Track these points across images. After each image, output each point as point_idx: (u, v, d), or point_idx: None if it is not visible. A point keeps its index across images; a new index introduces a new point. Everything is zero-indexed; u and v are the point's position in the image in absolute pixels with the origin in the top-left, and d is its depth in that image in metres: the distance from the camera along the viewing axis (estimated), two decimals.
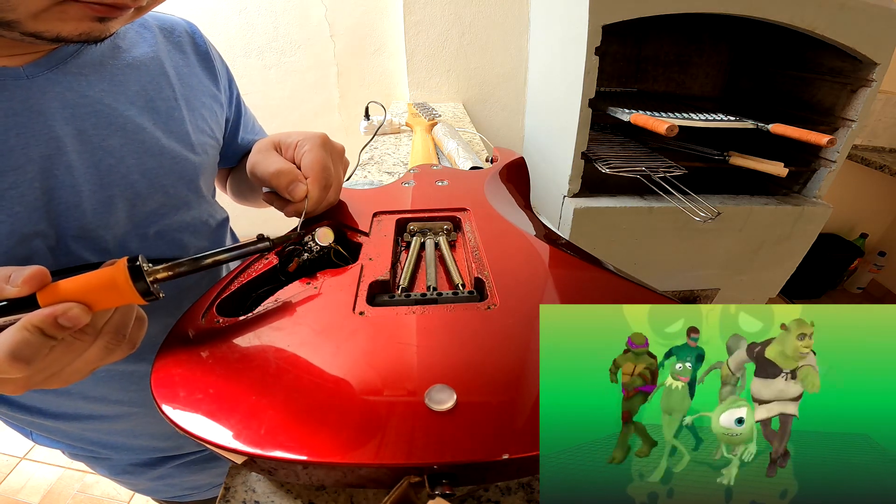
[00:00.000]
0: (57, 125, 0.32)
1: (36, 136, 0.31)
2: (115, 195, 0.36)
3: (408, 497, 0.20)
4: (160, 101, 0.39)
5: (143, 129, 0.37)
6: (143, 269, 0.24)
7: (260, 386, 0.24)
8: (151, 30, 0.42)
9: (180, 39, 0.44)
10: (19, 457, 1.29)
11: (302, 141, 0.38)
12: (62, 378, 0.25)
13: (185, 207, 0.42)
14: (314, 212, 0.38)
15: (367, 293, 0.32)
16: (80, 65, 0.34)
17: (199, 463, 0.56)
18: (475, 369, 0.25)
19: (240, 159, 0.54)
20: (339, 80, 1.42)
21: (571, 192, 0.95)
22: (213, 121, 0.47)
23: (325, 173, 0.37)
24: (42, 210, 0.32)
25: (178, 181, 0.41)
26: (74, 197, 0.33)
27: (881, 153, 1.67)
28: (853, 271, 2.01)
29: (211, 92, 0.46)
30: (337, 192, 0.41)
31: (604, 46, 0.81)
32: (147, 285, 0.24)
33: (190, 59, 0.45)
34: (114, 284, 0.24)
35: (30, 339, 0.22)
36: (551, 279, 0.34)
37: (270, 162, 0.37)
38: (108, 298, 0.24)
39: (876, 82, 0.87)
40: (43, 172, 0.31)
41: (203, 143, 0.44)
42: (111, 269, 0.24)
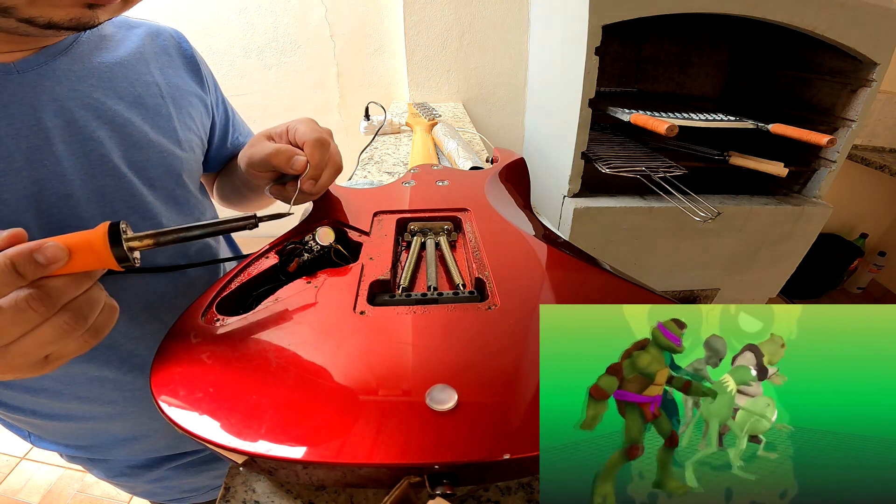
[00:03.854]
0: (46, 117, 0.33)
1: (25, 128, 0.32)
2: (106, 185, 0.36)
3: (408, 497, 0.20)
4: (147, 98, 0.41)
5: (131, 122, 0.38)
6: (124, 234, 0.24)
7: (260, 385, 0.24)
8: (138, 33, 0.43)
9: (166, 43, 0.46)
10: (19, 457, 1.29)
11: (291, 125, 0.41)
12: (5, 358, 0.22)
13: (174, 202, 0.43)
14: (322, 183, 0.39)
15: (367, 293, 0.32)
16: (69, 61, 0.35)
17: (196, 465, 0.56)
18: (476, 369, 0.25)
19: (227, 163, 0.55)
20: (339, 80, 1.42)
21: (571, 192, 0.95)
22: (200, 121, 0.48)
23: (318, 135, 0.39)
24: (30, 199, 0.32)
25: (165, 175, 0.41)
26: (64, 187, 0.34)
27: (881, 153, 1.67)
28: (853, 271, 2.01)
29: (197, 94, 0.48)
30: (337, 156, 0.41)
31: (604, 46, 0.81)
32: (124, 252, 0.24)
33: (175, 62, 0.46)
34: (90, 245, 0.23)
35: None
36: (551, 279, 0.34)
37: (267, 146, 0.39)
38: (83, 260, 0.23)
39: (876, 82, 0.87)
40: (31, 163, 0.32)
41: (190, 140, 0.45)
42: (90, 230, 0.24)
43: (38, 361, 0.23)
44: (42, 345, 0.22)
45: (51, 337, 0.22)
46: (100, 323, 0.24)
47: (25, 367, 0.23)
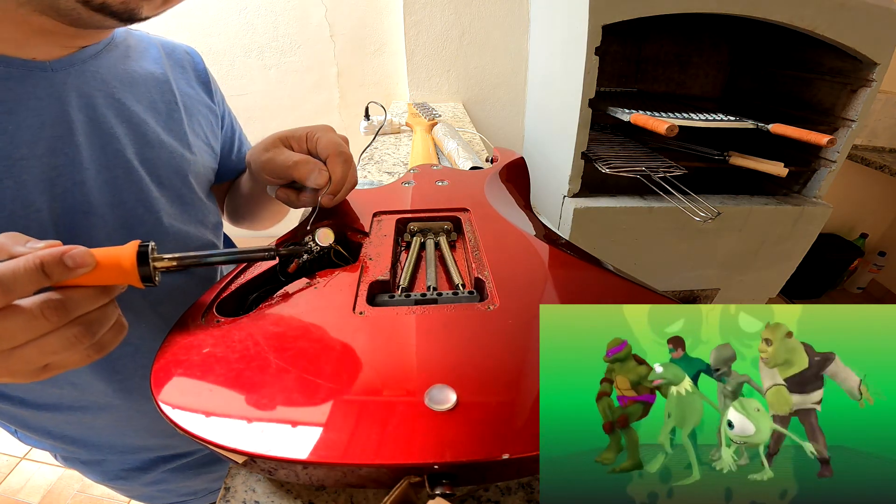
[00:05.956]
0: (72, 111, 0.35)
1: (51, 119, 0.34)
2: (117, 176, 0.38)
3: (408, 497, 0.20)
4: (162, 104, 0.43)
5: (146, 123, 0.41)
6: (150, 254, 0.25)
7: (260, 385, 0.24)
8: (156, 47, 0.47)
9: (181, 58, 0.49)
10: (19, 457, 1.29)
11: (311, 131, 0.41)
12: (7, 362, 0.22)
13: (179, 200, 0.44)
14: (340, 191, 0.40)
15: (367, 293, 0.32)
16: (97, 65, 0.38)
17: (193, 468, 0.56)
18: (475, 369, 0.25)
19: (237, 175, 0.57)
20: (339, 80, 1.42)
21: (571, 192, 0.95)
22: (210, 130, 0.50)
23: (342, 149, 0.40)
24: (47, 183, 0.34)
25: (173, 174, 0.43)
26: (79, 174, 0.36)
27: (881, 153, 1.67)
28: (853, 271, 2.01)
29: (208, 105, 0.51)
30: (355, 172, 0.43)
31: (604, 46, 0.81)
32: (149, 272, 0.25)
33: (189, 75, 0.49)
34: (118, 261, 0.24)
35: (20, 270, 0.21)
36: (551, 279, 0.34)
37: (287, 156, 0.40)
38: (107, 274, 0.24)
39: (876, 82, 0.86)
40: (52, 151, 0.34)
41: (199, 145, 0.47)
42: (120, 247, 0.25)
43: (36, 369, 0.23)
44: (45, 354, 0.23)
45: (56, 347, 0.22)
46: (106, 339, 0.25)
47: (23, 373, 0.23)
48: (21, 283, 0.21)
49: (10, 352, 0.22)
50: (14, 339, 0.21)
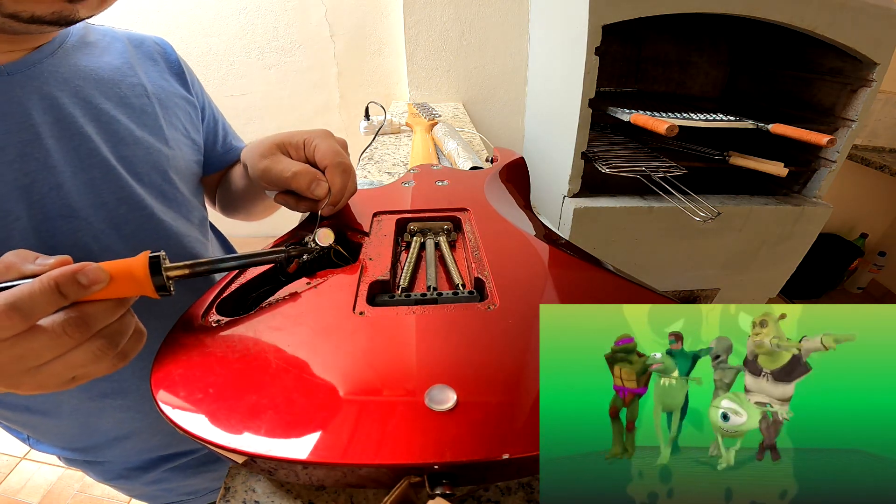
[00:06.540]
0: (35, 114, 0.35)
1: (16, 125, 0.34)
2: (95, 177, 0.38)
3: (408, 497, 0.20)
4: (133, 98, 0.42)
5: (117, 120, 0.40)
6: (162, 263, 0.25)
7: (260, 386, 0.24)
8: (121, 41, 0.45)
9: (150, 49, 0.47)
10: (19, 457, 1.29)
11: (308, 138, 0.39)
12: (36, 378, 0.23)
13: (162, 196, 0.44)
14: (340, 201, 0.39)
15: (367, 293, 0.32)
16: (55, 64, 0.37)
17: (194, 467, 0.56)
18: (475, 369, 0.25)
19: (226, 166, 0.56)
20: (339, 80, 1.42)
21: (571, 192, 0.95)
22: (189, 122, 0.49)
23: (340, 158, 0.38)
24: (22, 190, 0.34)
25: (152, 170, 0.42)
26: (55, 178, 0.35)
27: (881, 153, 1.67)
28: (853, 271, 2.01)
29: (183, 96, 0.49)
30: (354, 181, 0.42)
31: (604, 46, 0.81)
32: (163, 281, 0.25)
33: (160, 66, 0.47)
34: (130, 273, 0.24)
35: (37, 293, 0.21)
36: (551, 279, 0.34)
37: (285, 165, 0.38)
38: (122, 286, 0.24)
39: (876, 82, 0.86)
40: (22, 157, 0.34)
41: (177, 138, 0.46)
42: (131, 259, 0.25)
43: (65, 381, 0.24)
44: (72, 367, 0.23)
45: (82, 361, 0.23)
46: (128, 348, 0.26)
47: (52, 386, 0.24)
48: (39, 305, 0.21)
49: (38, 368, 0.23)
50: (40, 357, 0.22)
